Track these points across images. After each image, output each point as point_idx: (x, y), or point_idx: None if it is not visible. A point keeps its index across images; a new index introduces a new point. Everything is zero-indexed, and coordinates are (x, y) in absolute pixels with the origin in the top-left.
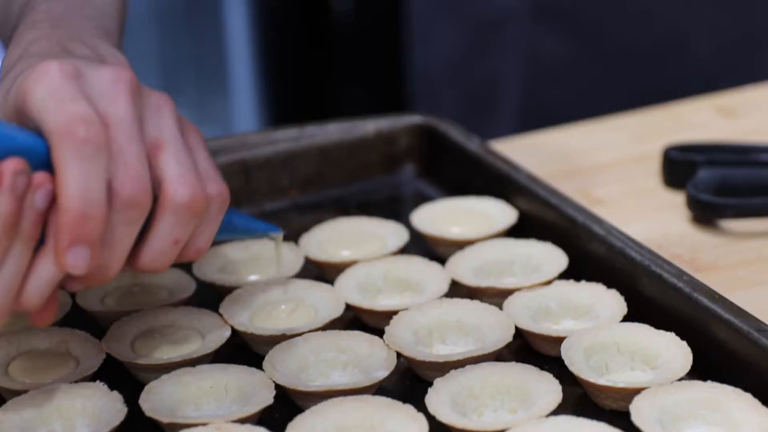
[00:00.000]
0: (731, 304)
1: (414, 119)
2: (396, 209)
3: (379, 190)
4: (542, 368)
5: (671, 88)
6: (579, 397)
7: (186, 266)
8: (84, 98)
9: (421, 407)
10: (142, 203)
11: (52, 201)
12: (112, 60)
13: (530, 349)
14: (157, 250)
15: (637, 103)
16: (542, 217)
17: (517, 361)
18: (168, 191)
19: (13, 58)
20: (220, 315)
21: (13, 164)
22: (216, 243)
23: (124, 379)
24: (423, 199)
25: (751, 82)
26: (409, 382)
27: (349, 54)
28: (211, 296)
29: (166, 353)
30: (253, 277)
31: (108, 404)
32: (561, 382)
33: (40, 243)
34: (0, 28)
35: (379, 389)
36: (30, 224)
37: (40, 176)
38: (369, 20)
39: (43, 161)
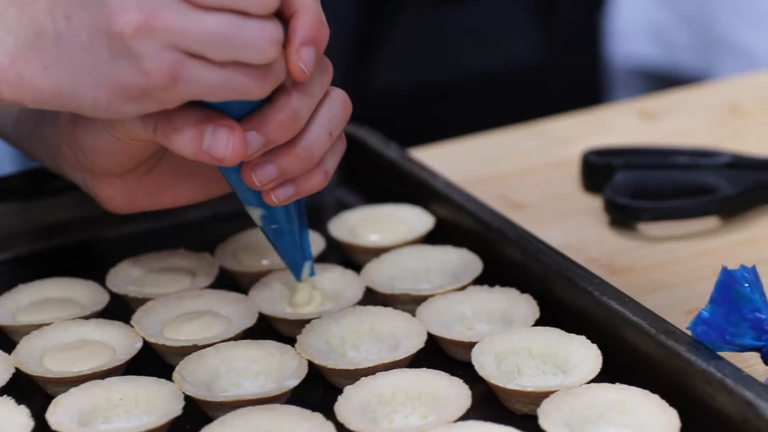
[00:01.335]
0: (640, 306)
1: None
2: (316, 218)
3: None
4: (456, 374)
5: None
6: (491, 402)
7: (99, 279)
8: None
9: (332, 415)
10: (331, 74)
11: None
12: None
13: (444, 355)
14: (314, 135)
15: None
16: (458, 222)
17: (432, 367)
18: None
19: None
20: (132, 327)
21: None
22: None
23: (35, 393)
24: (343, 207)
25: None
26: (322, 390)
27: None
28: (124, 309)
29: (76, 366)
30: (166, 289)
31: (14, 419)
32: (474, 387)
33: None
34: None
35: (292, 398)
36: None
37: None
38: None
39: None
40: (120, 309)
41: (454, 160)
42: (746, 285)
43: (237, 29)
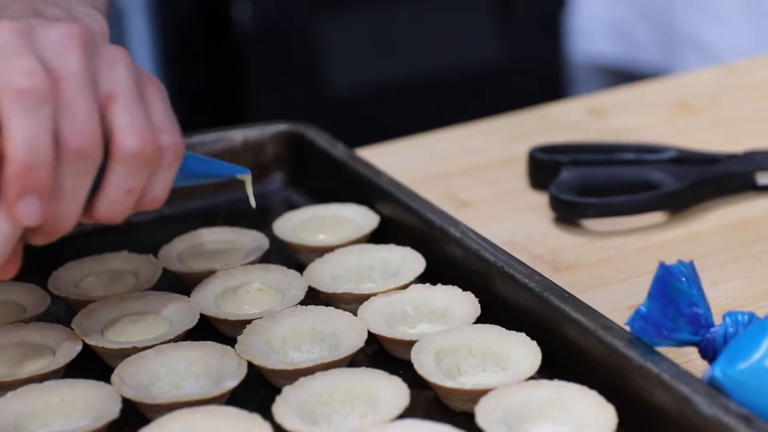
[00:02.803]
0: (580, 302)
1: (281, 127)
2: (264, 219)
3: (247, 200)
4: (397, 372)
5: None
6: (431, 400)
7: (41, 281)
8: (32, 53)
9: (271, 416)
10: (91, 154)
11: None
12: (85, 19)
13: (387, 354)
14: (111, 199)
15: None
16: (403, 221)
17: (374, 366)
18: (117, 141)
19: None
20: (73, 329)
21: None
22: (177, 189)
23: None
24: (290, 207)
25: None
26: (263, 391)
27: (252, 64)
28: (66, 311)
29: (15, 370)
30: (109, 292)
31: None
32: (415, 386)
33: None
34: None
35: (233, 399)
36: None
37: None
38: (269, 30)
39: None
40: (62, 312)
41: (402, 159)
42: (683, 280)
43: None
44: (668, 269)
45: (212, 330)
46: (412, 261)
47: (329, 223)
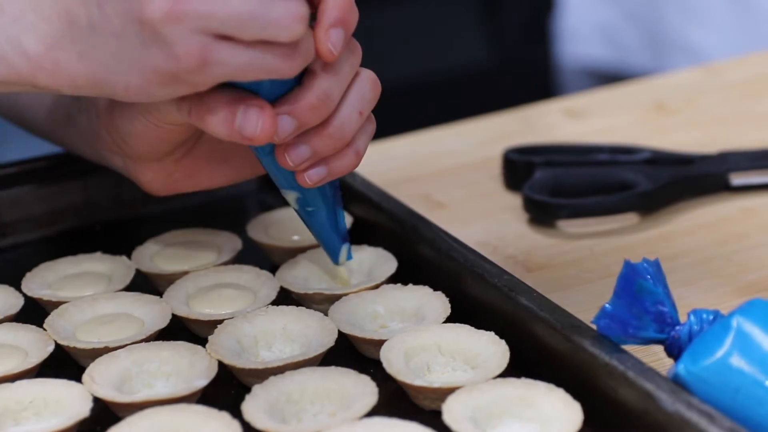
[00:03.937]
0: (547, 301)
1: None
2: (238, 220)
3: (222, 202)
4: (368, 371)
5: None
6: (401, 399)
7: (15, 283)
8: None
9: (240, 414)
10: (360, 56)
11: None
12: None
13: (357, 353)
14: (346, 114)
15: None
16: (375, 221)
17: (345, 365)
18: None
19: None
20: (45, 330)
21: None
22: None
23: None
24: (265, 209)
25: None
26: (233, 390)
27: None
28: (39, 313)
29: None
30: (82, 292)
31: None
32: (386, 385)
33: None
34: None
35: (203, 398)
36: None
37: None
38: None
39: None
40: (36, 313)
41: (379, 160)
42: (648, 278)
43: (262, 8)
44: (633, 267)
45: (184, 330)
46: (384, 261)
47: (303, 224)
